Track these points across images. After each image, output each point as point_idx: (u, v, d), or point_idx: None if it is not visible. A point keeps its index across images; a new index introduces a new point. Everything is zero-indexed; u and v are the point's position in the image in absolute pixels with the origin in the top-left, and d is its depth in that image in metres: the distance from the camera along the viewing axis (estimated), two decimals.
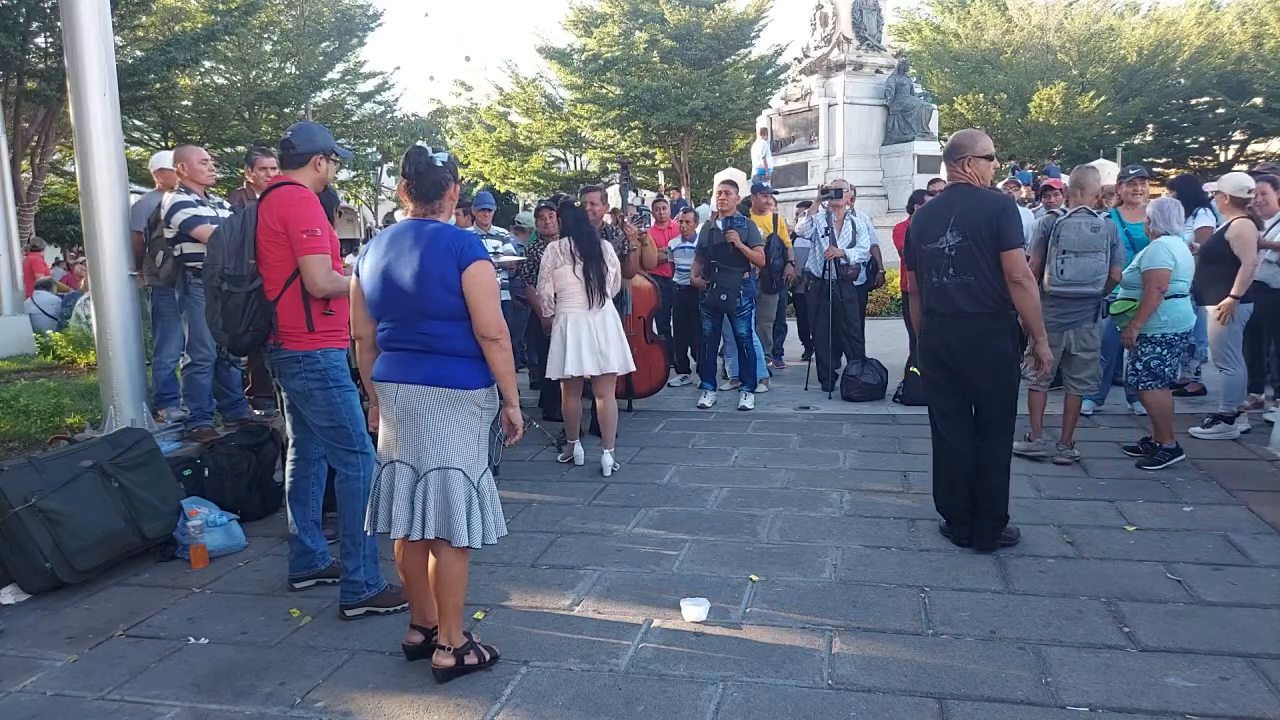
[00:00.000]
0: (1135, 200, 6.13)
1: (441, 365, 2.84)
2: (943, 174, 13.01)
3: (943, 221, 3.84)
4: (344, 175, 30.15)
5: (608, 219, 6.43)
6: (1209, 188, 6.11)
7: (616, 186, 11.08)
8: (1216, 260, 5.60)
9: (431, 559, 2.91)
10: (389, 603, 3.46)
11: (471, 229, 7.61)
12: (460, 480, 2.84)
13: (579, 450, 5.65)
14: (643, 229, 7.72)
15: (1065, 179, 7.68)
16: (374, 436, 3.13)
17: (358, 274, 2.98)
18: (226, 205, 5.62)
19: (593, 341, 5.47)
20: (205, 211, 5.20)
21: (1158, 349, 4.99)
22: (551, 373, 5.57)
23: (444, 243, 2.82)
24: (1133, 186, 6.17)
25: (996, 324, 3.80)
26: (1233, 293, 5.41)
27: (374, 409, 3.05)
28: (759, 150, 16.53)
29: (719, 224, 6.81)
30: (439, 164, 2.89)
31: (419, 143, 3.00)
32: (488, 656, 3.00)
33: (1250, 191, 5.71)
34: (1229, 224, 5.61)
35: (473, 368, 2.87)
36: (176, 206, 5.12)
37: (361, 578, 3.44)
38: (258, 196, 3.54)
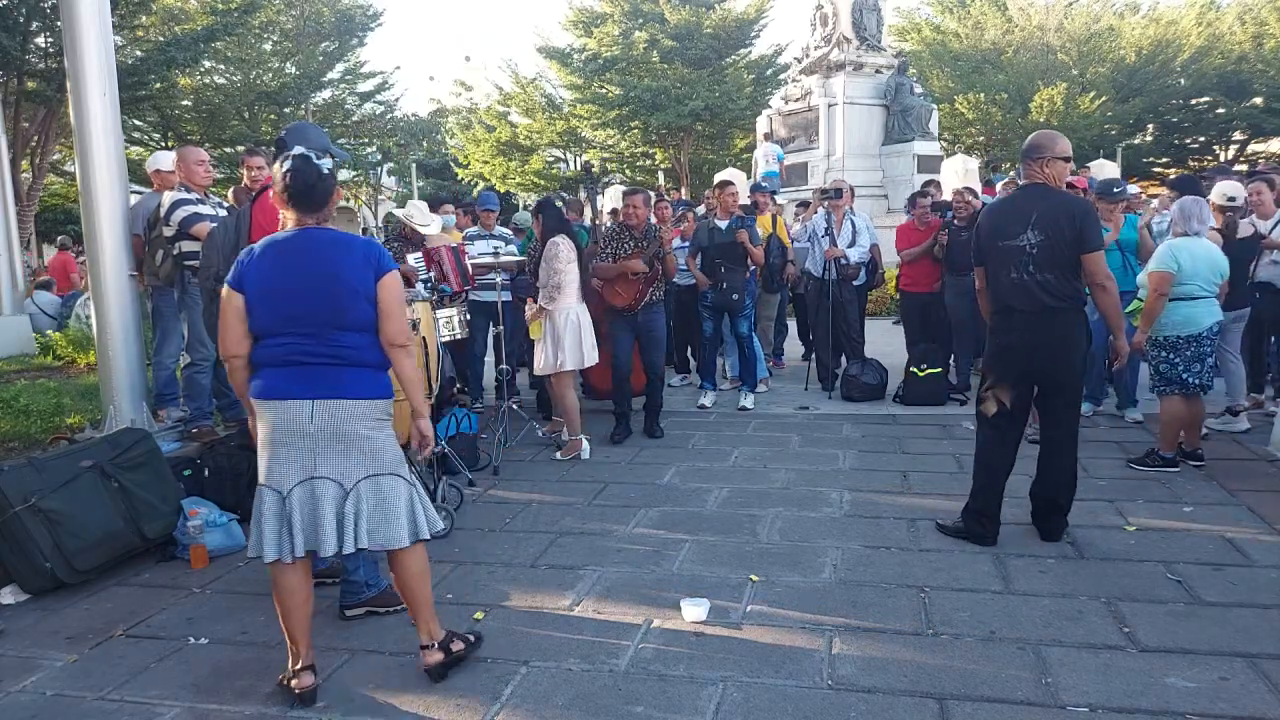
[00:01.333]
0: (1108, 219, 6.11)
1: (360, 376, 2.80)
2: (942, 175, 12.99)
3: (1022, 219, 3.88)
4: (344, 175, 30.15)
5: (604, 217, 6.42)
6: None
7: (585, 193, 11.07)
8: None
9: (396, 566, 2.89)
10: (389, 603, 3.46)
11: (474, 229, 7.62)
12: (399, 483, 2.85)
13: (587, 445, 5.70)
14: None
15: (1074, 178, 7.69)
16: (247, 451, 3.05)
17: (237, 289, 2.79)
18: (225, 206, 5.61)
19: (590, 334, 5.72)
20: (205, 210, 5.20)
21: (1163, 352, 4.94)
22: (569, 364, 5.65)
23: (359, 253, 2.78)
24: (1109, 206, 6.12)
25: (1075, 318, 3.91)
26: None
27: (253, 424, 2.90)
28: (764, 153, 16.38)
29: (721, 224, 6.80)
30: (326, 171, 2.81)
31: (299, 150, 2.85)
32: (472, 639, 3.05)
33: (1231, 199, 5.70)
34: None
35: (382, 377, 2.88)
36: (177, 204, 5.13)
37: (361, 578, 3.44)
38: (252, 196, 3.54)
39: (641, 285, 5.99)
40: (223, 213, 5.37)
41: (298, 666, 2.86)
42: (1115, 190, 6.24)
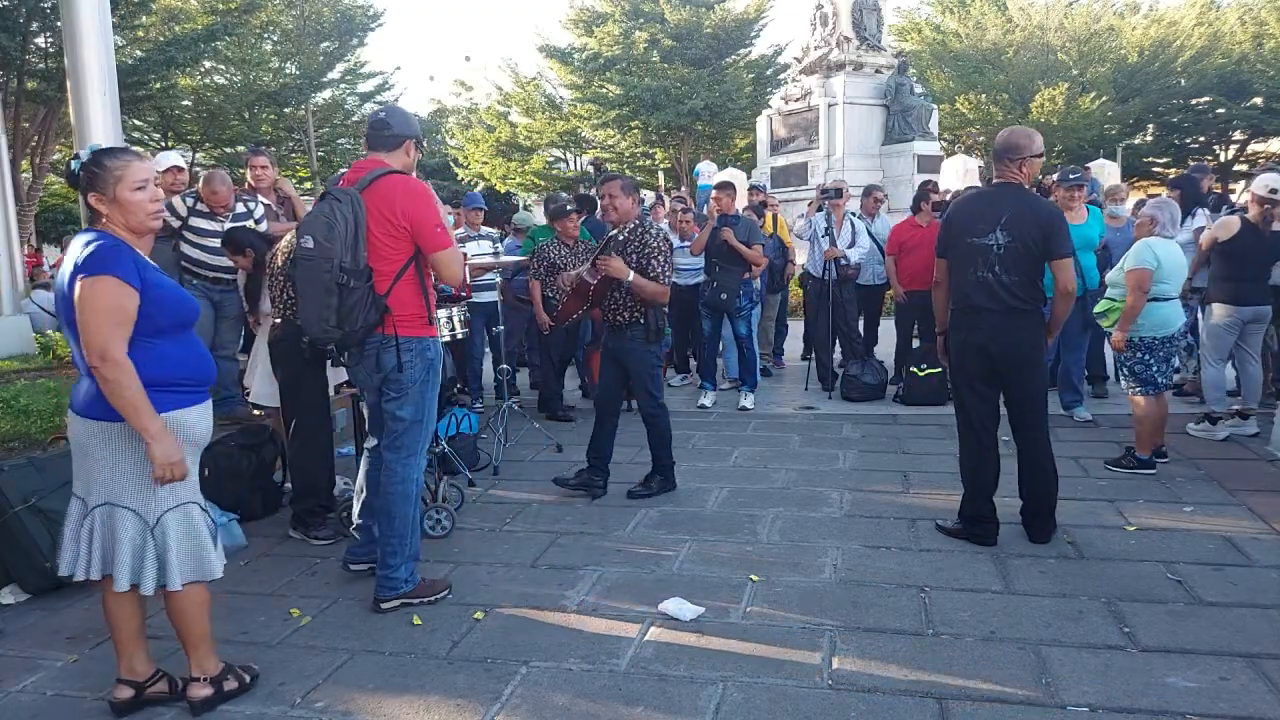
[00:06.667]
0: (1070, 205, 6.02)
1: (91, 390, 2.52)
2: (942, 176, 12.97)
3: (991, 219, 3.88)
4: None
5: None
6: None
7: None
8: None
9: (167, 598, 2.72)
10: (425, 593, 3.50)
11: (461, 230, 7.59)
12: (131, 521, 2.57)
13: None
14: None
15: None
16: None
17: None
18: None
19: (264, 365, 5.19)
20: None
21: (1140, 353, 4.94)
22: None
23: (76, 254, 2.51)
24: (1069, 193, 6.04)
25: (1034, 320, 3.94)
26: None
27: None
28: (705, 170, 16.80)
29: (715, 223, 6.83)
30: (73, 169, 2.62)
31: (94, 144, 2.77)
32: (248, 678, 2.90)
33: (1273, 191, 5.55)
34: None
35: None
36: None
37: (402, 575, 3.47)
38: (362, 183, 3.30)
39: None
40: (211, 224, 5.38)
41: (118, 676, 2.79)
42: (1073, 177, 6.17)
